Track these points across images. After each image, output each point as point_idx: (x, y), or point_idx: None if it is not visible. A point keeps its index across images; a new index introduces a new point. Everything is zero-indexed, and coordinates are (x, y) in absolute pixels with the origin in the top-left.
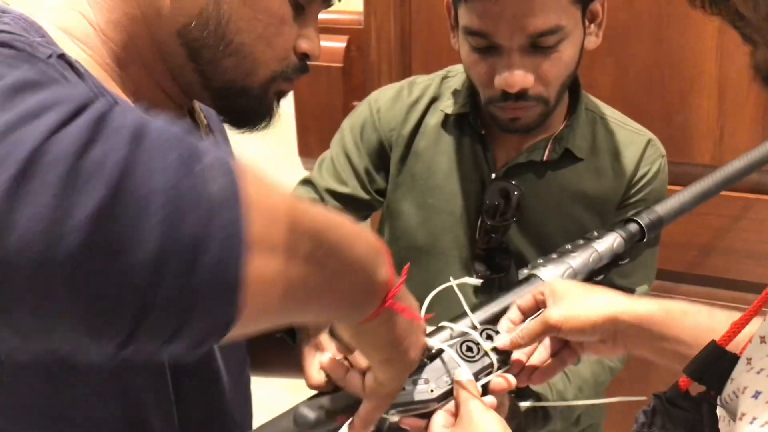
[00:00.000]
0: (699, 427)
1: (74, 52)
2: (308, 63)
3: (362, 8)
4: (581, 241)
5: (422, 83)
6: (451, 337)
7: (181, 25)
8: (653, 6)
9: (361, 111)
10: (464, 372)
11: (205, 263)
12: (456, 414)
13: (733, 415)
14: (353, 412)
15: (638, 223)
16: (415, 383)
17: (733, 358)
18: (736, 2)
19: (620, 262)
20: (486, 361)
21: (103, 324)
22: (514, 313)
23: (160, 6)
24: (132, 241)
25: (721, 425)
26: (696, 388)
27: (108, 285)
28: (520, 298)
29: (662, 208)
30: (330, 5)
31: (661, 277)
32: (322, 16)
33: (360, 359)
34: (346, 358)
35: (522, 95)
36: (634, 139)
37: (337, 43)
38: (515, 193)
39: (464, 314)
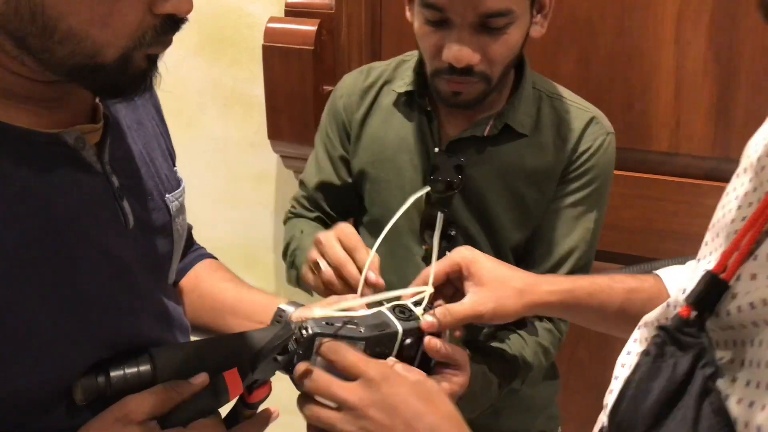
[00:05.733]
0: (705, 350)
1: None
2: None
3: None
4: None
5: (379, 68)
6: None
7: None
8: None
9: (329, 100)
10: (429, 317)
11: None
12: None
13: (739, 326)
14: None
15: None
16: (346, 324)
17: (723, 284)
18: None
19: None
20: (415, 324)
21: None
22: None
23: None
24: None
25: (718, 352)
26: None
27: None
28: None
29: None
30: None
31: (618, 260)
32: (295, 0)
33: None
34: None
35: (467, 71)
36: (578, 115)
37: (308, 27)
38: (462, 168)
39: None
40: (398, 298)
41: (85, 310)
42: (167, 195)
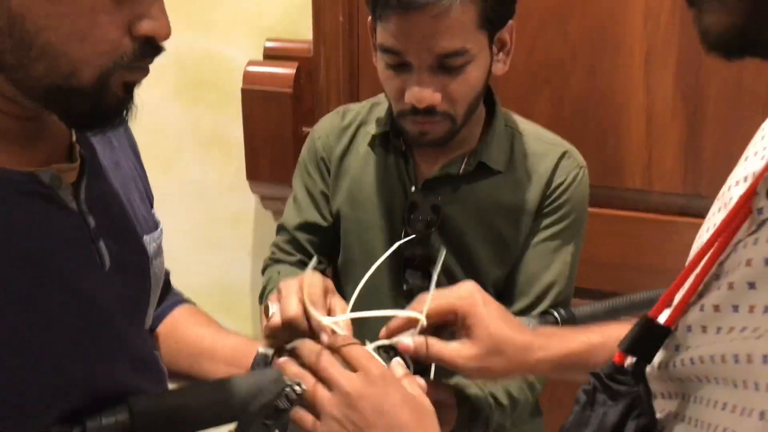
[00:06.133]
0: (639, 399)
1: None
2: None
3: (312, 36)
4: None
5: (354, 110)
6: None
7: None
8: (586, 40)
9: (306, 142)
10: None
11: None
12: None
13: (686, 379)
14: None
15: (555, 317)
16: None
17: (663, 330)
18: None
19: None
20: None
21: None
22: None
23: None
24: None
25: (661, 402)
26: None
27: None
28: (433, 301)
29: (579, 312)
30: None
31: (593, 296)
32: (273, 45)
33: None
34: None
35: (430, 111)
36: (549, 151)
37: (286, 70)
38: (439, 207)
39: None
40: (389, 318)
41: (58, 355)
42: (145, 236)
